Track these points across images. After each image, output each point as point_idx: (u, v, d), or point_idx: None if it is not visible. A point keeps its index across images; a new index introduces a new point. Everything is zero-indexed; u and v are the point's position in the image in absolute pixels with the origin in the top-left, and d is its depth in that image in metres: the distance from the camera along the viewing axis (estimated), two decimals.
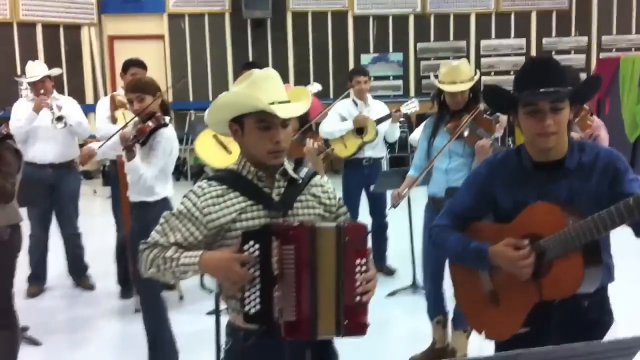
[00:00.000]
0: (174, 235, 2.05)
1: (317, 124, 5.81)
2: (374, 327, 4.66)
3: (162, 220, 2.10)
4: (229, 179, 2.10)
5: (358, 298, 1.94)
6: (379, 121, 5.66)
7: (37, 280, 5.51)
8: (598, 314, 2.25)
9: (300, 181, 2.14)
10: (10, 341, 3.79)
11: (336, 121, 5.71)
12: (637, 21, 12.07)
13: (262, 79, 2.05)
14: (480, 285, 2.34)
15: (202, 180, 2.14)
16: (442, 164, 3.92)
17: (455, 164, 3.90)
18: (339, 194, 5.30)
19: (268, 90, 2.03)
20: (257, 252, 1.94)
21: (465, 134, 3.81)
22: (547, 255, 2.10)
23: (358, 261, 1.94)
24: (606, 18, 12.08)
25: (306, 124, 3.50)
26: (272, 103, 1.99)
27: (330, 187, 2.23)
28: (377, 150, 5.82)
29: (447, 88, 3.84)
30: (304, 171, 2.18)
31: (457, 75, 3.81)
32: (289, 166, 2.14)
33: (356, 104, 5.80)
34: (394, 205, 4.21)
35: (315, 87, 5.80)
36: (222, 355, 2.16)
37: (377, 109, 5.79)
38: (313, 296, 1.91)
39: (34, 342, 4.45)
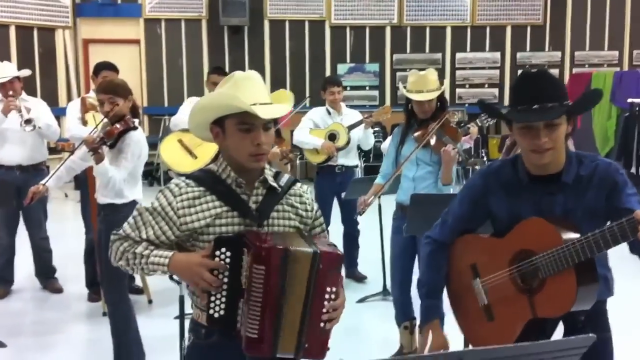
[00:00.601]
0: (145, 231, 2.04)
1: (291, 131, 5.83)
2: (344, 332, 4.69)
3: (135, 212, 2.08)
4: (207, 181, 2.07)
5: (322, 324, 1.96)
6: (351, 127, 5.69)
7: (4, 283, 5.44)
8: (594, 329, 2.12)
9: (280, 190, 2.11)
10: None
11: (308, 129, 5.73)
12: (609, 38, 12.29)
13: (243, 80, 2.04)
14: (474, 299, 2.31)
15: (179, 178, 2.11)
16: (410, 172, 3.96)
17: (423, 172, 3.94)
18: None
19: (249, 91, 2.01)
20: (228, 260, 1.93)
21: (432, 141, 3.85)
22: (540, 273, 2.07)
23: (329, 289, 1.95)
24: (580, 34, 12.28)
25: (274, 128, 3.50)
26: (254, 104, 1.97)
27: (309, 197, 2.20)
28: (350, 158, 5.84)
29: (414, 97, 3.88)
30: (284, 179, 2.15)
31: (424, 85, 3.86)
32: (269, 173, 2.12)
33: (329, 113, 5.83)
34: (360, 213, 4.24)
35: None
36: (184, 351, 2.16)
37: (350, 117, 5.82)
38: (277, 318, 1.91)
39: None
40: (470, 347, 2.44)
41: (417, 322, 4.14)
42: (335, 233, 5.85)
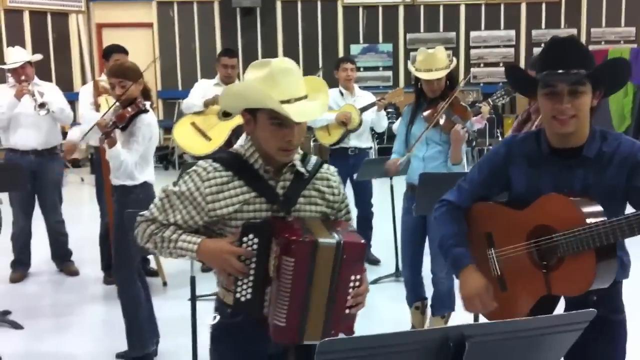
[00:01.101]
0: (173, 215, 2.04)
1: None
2: (358, 313, 4.69)
3: (162, 194, 2.07)
4: (235, 165, 2.05)
5: (347, 310, 2.00)
6: (363, 109, 5.67)
7: (21, 266, 5.52)
8: (607, 310, 2.14)
9: (307, 175, 2.10)
10: None
11: None
12: (626, 14, 12.10)
13: (279, 73, 1.97)
14: (489, 269, 2.29)
15: (207, 161, 2.08)
16: (420, 152, 3.95)
17: (433, 152, 3.92)
18: None
19: (285, 85, 1.96)
20: (255, 246, 1.96)
21: (441, 121, 3.83)
22: (559, 251, 2.05)
23: (353, 277, 1.99)
24: (596, 10, 12.11)
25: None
26: (288, 101, 1.94)
27: (337, 179, 2.19)
28: (363, 140, 5.82)
29: (423, 76, 3.85)
30: (312, 161, 2.13)
31: (433, 63, 3.82)
32: (297, 157, 2.09)
33: (342, 94, 5.81)
34: (389, 174, 4.19)
35: None
36: (209, 330, 2.16)
37: (364, 99, 5.79)
38: (304, 307, 1.95)
39: (16, 326, 4.48)
40: (454, 314, 2.42)
41: (429, 302, 4.16)
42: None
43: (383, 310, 4.77)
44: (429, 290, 4.17)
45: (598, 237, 1.95)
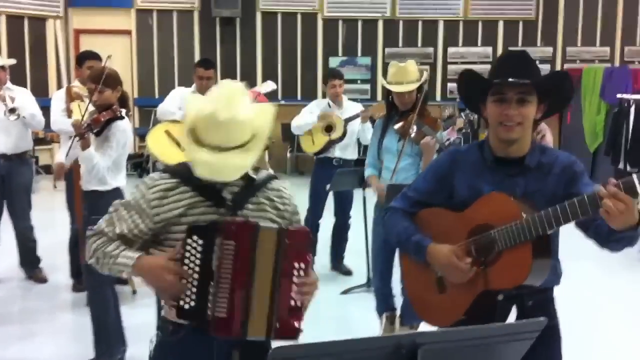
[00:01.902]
0: (120, 225, 2.03)
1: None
2: (328, 323, 4.72)
3: (111, 209, 2.08)
4: (181, 173, 2.06)
5: (293, 302, 1.95)
6: (348, 120, 5.68)
7: None
8: (541, 315, 2.23)
9: (258, 182, 2.10)
10: None
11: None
12: (601, 34, 12.30)
13: (215, 122, 1.89)
14: (428, 272, 2.34)
15: (155, 172, 2.11)
16: (391, 164, 3.98)
17: (404, 164, 3.96)
18: (306, 192, 5.27)
19: (215, 135, 1.91)
20: (200, 248, 1.92)
21: (412, 132, 3.87)
22: (497, 245, 2.12)
23: (297, 265, 1.95)
24: (572, 30, 12.29)
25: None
26: (218, 147, 1.90)
27: (288, 193, 2.19)
28: (348, 152, 5.83)
29: (394, 88, 3.90)
30: (263, 174, 2.15)
31: (404, 76, 3.87)
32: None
33: (330, 106, 5.83)
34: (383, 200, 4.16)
35: (270, 85, 5.83)
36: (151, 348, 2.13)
37: (351, 111, 5.81)
38: (247, 295, 1.90)
39: None
40: (423, 324, 2.45)
41: (398, 312, 4.17)
42: (328, 226, 5.89)
43: (353, 320, 4.79)
44: (399, 301, 4.19)
45: (534, 227, 2.03)
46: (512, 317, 2.25)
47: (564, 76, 2.31)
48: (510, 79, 2.14)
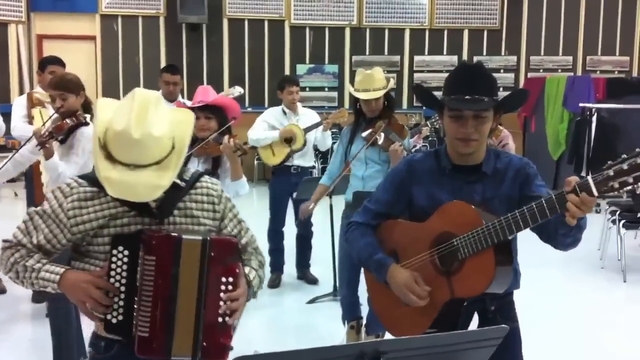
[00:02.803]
0: (37, 235, 1.92)
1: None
2: (293, 331, 4.68)
3: (26, 217, 1.96)
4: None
5: (221, 318, 1.85)
6: (308, 129, 5.67)
7: None
8: (503, 318, 2.26)
9: (183, 186, 1.99)
10: None
11: (262, 129, 5.70)
12: (564, 43, 12.53)
13: (125, 139, 1.77)
14: None
15: (72, 177, 2.00)
16: (359, 171, 3.98)
17: (372, 171, 3.96)
18: (266, 201, 5.19)
19: (127, 151, 1.79)
20: (125, 259, 1.83)
21: (380, 140, 3.87)
22: (460, 254, 2.13)
23: (224, 279, 1.86)
24: (535, 39, 12.50)
25: (225, 125, 3.49)
26: (128, 165, 1.79)
27: (218, 189, 2.09)
28: (306, 159, 5.81)
29: (361, 96, 3.91)
30: (189, 173, 2.05)
31: (370, 83, 3.88)
32: None
33: (285, 113, 5.80)
34: (302, 220, 4.18)
35: (237, 90, 5.79)
36: None
37: (307, 117, 5.79)
38: (170, 312, 1.80)
39: None
40: (387, 334, 2.44)
41: (364, 321, 4.16)
42: (290, 234, 5.86)
43: (319, 329, 4.76)
44: (365, 310, 4.17)
45: (495, 233, 2.05)
46: (474, 322, 2.27)
47: (523, 95, 2.35)
48: (466, 97, 2.14)
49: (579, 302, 5.44)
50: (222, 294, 1.85)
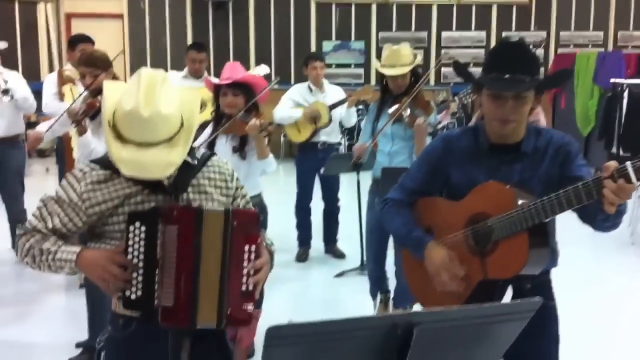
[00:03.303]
0: (52, 220, 1.93)
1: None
2: (321, 306, 4.71)
3: (40, 204, 1.98)
4: (113, 164, 1.90)
5: (244, 287, 1.87)
6: (333, 107, 5.67)
7: None
8: (540, 298, 2.25)
9: (195, 163, 2.02)
10: None
11: (288, 107, 5.71)
12: (595, 18, 12.29)
13: (136, 117, 1.82)
14: None
15: (84, 163, 2.01)
16: (386, 147, 3.98)
17: (398, 147, 3.96)
18: (293, 177, 5.23)
19: (137, 130, 1.83)
20: (142, 235, 1.83)
21: (406, 116, 3.86)
22: (494, 235, 2.10)
23: (247, 248, 1.87)
24: (565, 14, 12.27)
25: (250, 102, 3.51)
26: (140, 144, 1.83)
27: (229, 168, 2.12)
28: (332, 136, 5.82)
29: (387, 72, 3.89)
30: (199, 153, 2.08)
31: (397, 59, 3.87)
32: None
33: (311, 90, 5.80)
34: (356, 161, 4.14)
35: (263, 69, 5.80)
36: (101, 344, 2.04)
37: (333, 94, 5.79)
38: (194, 281, 1.82)
39: None
40: (415, 308, 2.43)
41: (392, 295, 4.19)
42: (316, 210, 5.90)
43: (347, 303, 4.80)
44: (392, 284, 4.21)
45: (530, 217, 2.01)
46: (508, 297, 2.26)
47: (565, 75, 2.29)
48: (506, 75, 2.07)
49: (608, 279, 5.41)
50: (245, 263, 1.87)
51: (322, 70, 5.76)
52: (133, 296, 1.84)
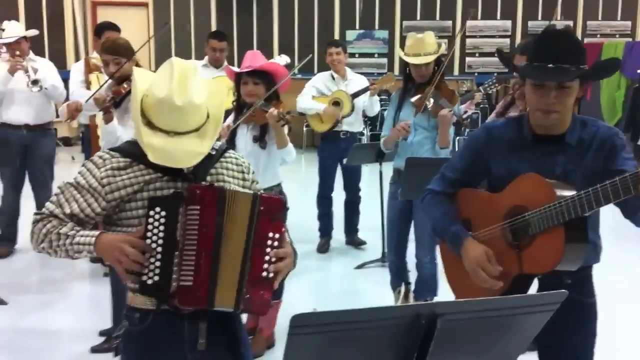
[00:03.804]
0: (70, 205, 1.93)
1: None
2: (342, 297, 4.69)
3: (57, 191, 1.98)
4: (133, 152, 1.95)
5: (265, 273, 1.86)
6: (355, 95, 5.65)
7: (6, 242, 5.52)
8: (580, 294, 2.18)
9: (214, 153, 2.03)
10: None
11: (310, 97, 5.69)
12: (623, 8, 12.10)
13: (168, 105, 1.84)
14: None
15: (102, 151, 2.00)
16: (408, 137, 3.94)
17: (421, 137, 3.93)
18: (315, 167, 5.21)
19: (167, 118, 1.86)
20: (162, 220, 1.83)
21: (429, 105, 3.83)
22: (531, 229, 2.07)
23: (271, 234, 1.86)
24: (592, 3, 12.09)
25: (270, 91, 3.51)
26: (167, 132, 1.86)
27: (245, 162, 2.14)
28: (355, 125, 5.81)
29: (411, 60, 3.85)
30: (217, 144, 2.09)
31: (421, 48, 3.82)
32: None
33: (334, 78, 5.78)
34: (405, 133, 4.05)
35: (284, 58, 5.79)
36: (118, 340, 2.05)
37: (355, 83, 5.76)
38: (214, 261, 1.82)
39: (0, 302, 4.48)
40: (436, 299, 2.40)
41: (412, 287, 4.18)
42: (338, 201, 5.90)
43: (367, 295, 4.80)
44: (413, 276, 4.19)
45: (566, 211, 1.96)
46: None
47: (613, 65, 2.20)
48: (549, 65, 2.02)
49: (631, 273, 5.34)
50: (268, 249, 1.87)
51: (339, 56, 5.71)
52: (150, 281, 1.84)
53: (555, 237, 2.00)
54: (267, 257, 1.86)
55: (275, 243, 1.88)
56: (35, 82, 5.16)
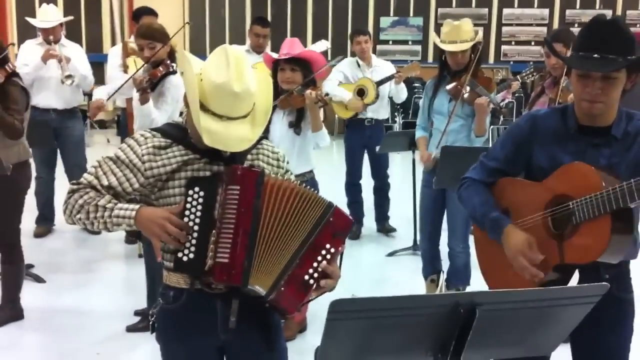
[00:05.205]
0: (108, 178, 1.95)
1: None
2: (372, 284, 4.69)
3: (95, 164, 2.00)
4: (174, 133, 2.00)
5: (307, 277, 1.87)
6: (380, 83, 5.62)
7: (45, 221, 5.63)
8: (618, 289, 2.12)
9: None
10: (15, 275, 3.95)
11: (337, 83, 5.67)
12: None
13: (225, 91, 1.87)
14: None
15: (145, 130, 2.04)
16: (442, 125, 3.92)
17: (456, 125, 3.90)
18: (342, 155, 5.18)
19: (224, 103, 1.89)
20: (201, 200, 1.86)
21: (465, 93, 3.79)
22: (575, 218, 2.03)
23: (328, 246, 1.88)
24: None
25: (308, 78, 3.52)
26: (220, 117, 1.89)
27: (280, 152, 2.17)
28: (380, 112, 5.79)
29: (447, 47, 3.81)
30: None
31: (458, 35, 3.78)
32: None
33: (359, 65, 5.76)
34: (427, 169, 4.05)
35: (323, 44, 5.78)
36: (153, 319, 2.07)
37: (381, 70, 5.74)
38: (251, 240, 1.85)
39: (38, 279, 4.58)
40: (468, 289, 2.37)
41: (444, 276, 4.17)
42: (369, 189, 5.90)
43: (399, 282, 4.80)
44: (445, 264, 4.18)
45: (614, 199, 1.92)
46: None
47: None
48: (595, 55, 1.99)
49: None
50: (319, 257, 1.89)
51: (367, 45, 5.69)
52: (185, 258, 1.87)
53: (601, 226, 1.97)
54: (315, 264, 1.88)
55: (328, 256, 1.90)
56: (68, 77, 5.22)
